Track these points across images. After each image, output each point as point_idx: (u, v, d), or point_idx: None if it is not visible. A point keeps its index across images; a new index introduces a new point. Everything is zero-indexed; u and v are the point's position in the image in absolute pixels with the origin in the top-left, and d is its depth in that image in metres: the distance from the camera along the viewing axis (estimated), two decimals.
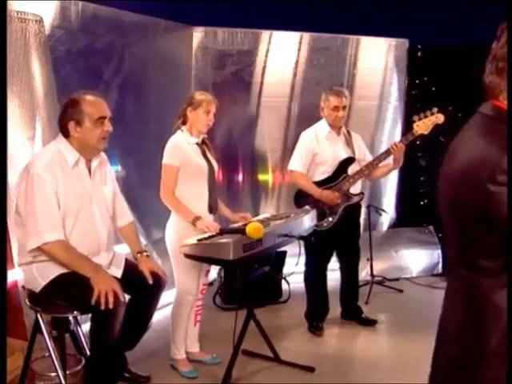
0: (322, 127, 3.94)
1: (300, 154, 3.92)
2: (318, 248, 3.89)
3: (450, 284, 1.46)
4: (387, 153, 3.87)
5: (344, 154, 3.91)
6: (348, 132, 4.02)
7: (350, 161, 3.91)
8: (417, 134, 3.83)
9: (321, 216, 3.84)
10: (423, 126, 3.79)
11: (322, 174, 3.90)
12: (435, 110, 3.80)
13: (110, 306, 2.48)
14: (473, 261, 1.30)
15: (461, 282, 1.36)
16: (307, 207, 3.75)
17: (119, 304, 2.52)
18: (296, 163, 3.92)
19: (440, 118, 3.79)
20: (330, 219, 3.86)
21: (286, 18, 5.00)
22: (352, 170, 3.91)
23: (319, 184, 3.88)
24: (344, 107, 3.85)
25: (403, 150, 3.81)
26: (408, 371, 3.35)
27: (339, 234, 3.91)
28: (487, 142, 1.27)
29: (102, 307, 2.46)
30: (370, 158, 4.02)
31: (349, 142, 3.97)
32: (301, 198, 3.92)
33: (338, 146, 3.93)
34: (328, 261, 4.10)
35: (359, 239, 4.21)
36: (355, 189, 3.95)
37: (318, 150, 3.89)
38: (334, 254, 4.16)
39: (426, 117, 3.80)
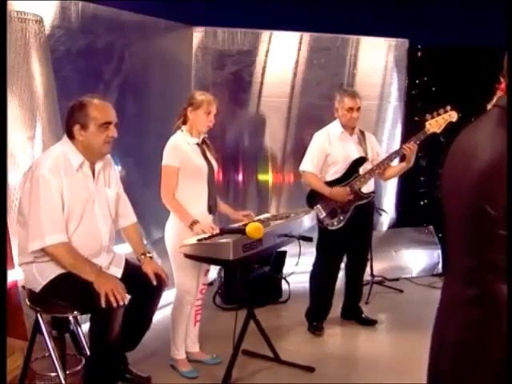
0: (334, 128, 3.94)
1: (312, 154, 3.92)
2: (328, 247, 3.90)
3: (457, 288, 1.36)
4: (398, 152, 3.87)
5: (356, 153, 3.91)
6: (361, 132, 4.01)
7: (361, 160, 3.91)
8: (429, 133, 3.77)
9: (332, 215, 3.85)
10: (436, 124, 3.75)
11: (334, 174, 3.89)
12: (448, 107, 3.74)
13: (121, 303, 2.49)
14: (498, 264, 1.24)
15: (477, 285, 1.29)
16: (319, 206, 3.77)
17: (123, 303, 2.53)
18: (308, 164, 3.92)
19: (453, 116, 3.72)
20: (341, 218, 3.85)
21: (286, 18, 5.00)
22: (364, 169, 3.90)
23: (331, 184, 3.87)
24: (358, 108, 3.86)
25: (415, 150, 3.80)
26: (408, 371, 3.35)
27: (350, 234, 3.90)
28: (504, 134, 1.22)
29: (114, 305, 2.47)
30: (383, 157, 4.00)
31: (361, 142, 3.96)
32: (313, 198, 3.92)
33: (350, 146, 3.93)
34: (340, 260, 4.09)
35: (370, 239, 4.21)
36: (367, 188, 3.95)
37: (330, 150, 3.89)
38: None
39: (438, 115, 3.74)
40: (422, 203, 5.66)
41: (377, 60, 5.54)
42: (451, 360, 1.35)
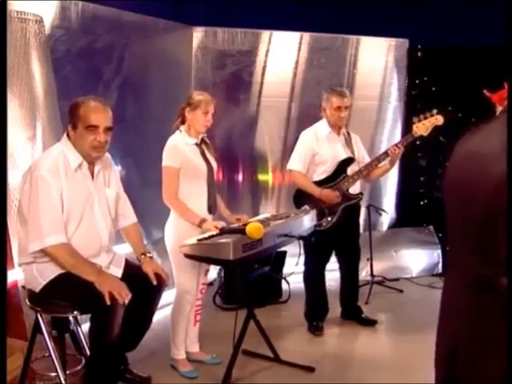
0: (322, 127, 3.94)
1: (300, 153, 3.92)
2: (316, 248, 3.89)
3: (469, 295, 1.33)
4: (387, 154, 3.88)
5: (343, 154, 3.92)
6: (348, 133, 4.03)
7: (349, 161, 3.92)
8: (416, 136, 3.87)
9: (320, 216, 3.85)
10: (422, 127, 3.82)
11: (322, 173, 3.90)
12: (435, 111, 3.84)
13: (126, 300, 2.51)
14: (488, 257, 1.24)
15: (493, 292, 1.25)
16: (306, 207, 3.76)
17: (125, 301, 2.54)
18: (295, 163, 3.92)
19: (439, 120, 3.82)
20: (329, 219, 3.86)
21: (286, 18, 5.00)
22: (351, 170, 3.92)
23: (319, 184, 3.88)
24: (346, 107, 3.86)
25: (401, 152, 3.83)
26: (408, 371, 3.35)
27: (338, 234, 3.91)
28: None
29: (120, 301, 2.48)
30: (368, 159, 4.03)
31: (348, 143, 3.98)
32: (300, 198, 3.92)
33: (338, 146, 3.93)
34: (327, 261, 4.10)
35: (359, 239, 4.21)
36: (354, 189, 3.95)
37: (318, 149, 3.89)
38: (333, 254, 4.17)
39: (425, 118, 3.83)
40: (422, 203, 5.65)
41: (377, 60, 5.54)
42: (470, 369, 1.32)
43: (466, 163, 1.32)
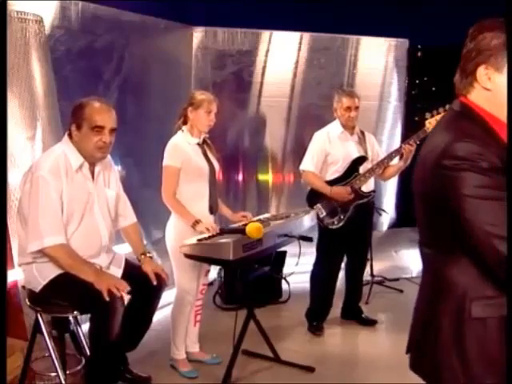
0: (334, 127, 3.96)
1: (312, 154, 3.93)
2: (328, 247, 3.90)
3: (424, 268, 1.66)
4: (398, 151, 3.89)
5: (356, 153, 3.92)
6: (362, 132, 4.04)
7: (361, 160, 3.92)
8: (428, 132, 3.82)
9: (332, 214, 3.85)
10: (435, 122, 3.78)
11: (334, 173, 3.91)
12: (448, 106, 3.80)
13: (125, 293, 2.52)
14: (429, 240, 1.53)
15: (425, 259, 1.59)
16: (318, 205, 3.77)
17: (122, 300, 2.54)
18: (308, 163, 3.93)
19: None
20: (342, 217, 3.85)
21: (285, 18, 5.00)
22: (364, 169, 3.92)
23: (331, 183, 3.88)
24: (356, 107, 3.88)
25: (414, 149, 3.82)
26: (408, 371, 3.34)
27: (350, 233, 3.90)
28: (444, 133, 1.42)
29: (118, 295, 2.49)
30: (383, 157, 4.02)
31: (362, 142, 3.98)
32: (313, 198, 3.92)
33: (350, 145, 3.94)
34: (340, 261, 4.09)
35: (370, 239, 4.21)
36: (367, 187, 3.96)
37: (330, 149, 3.90)
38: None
39: (438, 113, 3.79)
40: None
41: (377, 60, 5.54)
42: (421, 325, 1.70)
43: (421, 156, 1.56)
